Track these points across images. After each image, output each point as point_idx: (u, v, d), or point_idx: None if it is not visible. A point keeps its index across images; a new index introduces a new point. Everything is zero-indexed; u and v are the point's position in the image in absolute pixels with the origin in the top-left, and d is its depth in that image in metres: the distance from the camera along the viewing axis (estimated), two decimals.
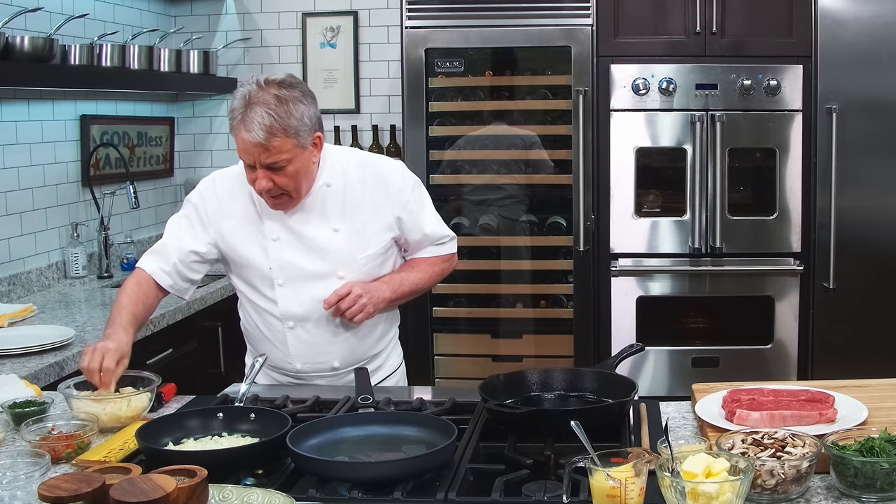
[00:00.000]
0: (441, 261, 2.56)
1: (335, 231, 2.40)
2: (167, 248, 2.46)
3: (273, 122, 2.20)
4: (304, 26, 4.77)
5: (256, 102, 2.21)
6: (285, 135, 2.22)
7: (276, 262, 2.41)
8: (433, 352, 4.27)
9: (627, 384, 2.08)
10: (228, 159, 4.79)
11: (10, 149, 3.60)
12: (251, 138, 2.21)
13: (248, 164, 2.29)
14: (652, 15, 4.01)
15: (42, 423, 1.97)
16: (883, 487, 1.58)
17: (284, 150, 2.23)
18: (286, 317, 2.43)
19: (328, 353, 2.46)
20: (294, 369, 2.49)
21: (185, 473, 1.54)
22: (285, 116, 2.22)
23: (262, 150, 2.22)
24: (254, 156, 2.24)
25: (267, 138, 2.20)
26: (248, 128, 2.20)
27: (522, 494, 1.67)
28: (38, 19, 3.55)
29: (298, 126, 2.24)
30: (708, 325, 4.17)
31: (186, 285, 2.49)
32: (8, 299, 3.49)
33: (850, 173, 3.92)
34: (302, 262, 2.40)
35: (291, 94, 2.25)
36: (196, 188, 2.51)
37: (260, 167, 2.25)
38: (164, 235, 2.50)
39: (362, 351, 2.51)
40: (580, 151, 4.03)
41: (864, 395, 1.97)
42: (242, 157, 2.28)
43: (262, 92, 2.23)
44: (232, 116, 2.25)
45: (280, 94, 2.23)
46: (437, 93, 4.25)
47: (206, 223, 2.45)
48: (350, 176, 2.44)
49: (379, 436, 1.91)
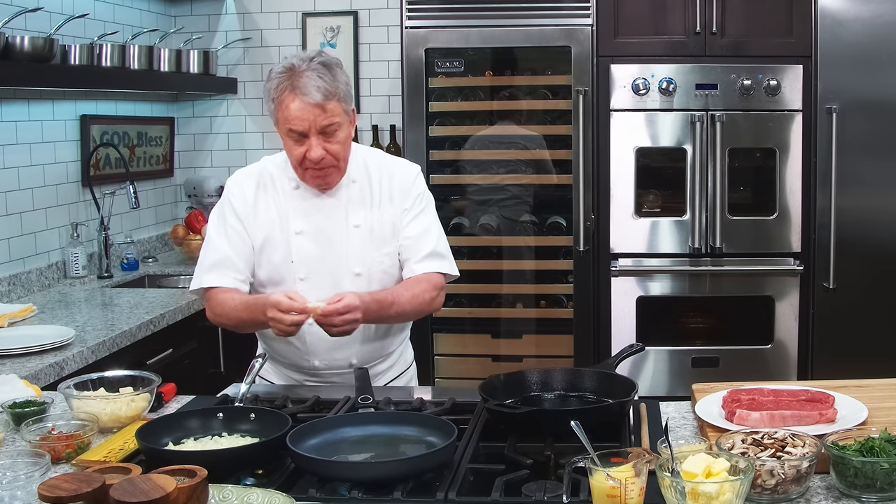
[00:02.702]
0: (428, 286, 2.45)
1: (355, 227, 2.42)
2: (228, 256, 2.40)
3: (327, 85, 2.28)
4: (304, 26, 4.77)
5: (305, 69, 2.28)
6: (337, 99, 2.30)
7: (298, 256, 2.42)
8: (433, 352, 4.27)
9: (627, 384, 2.08)
10: (228, 159, 4.81)
11: (10, 149, 3.60)
12: (310, 100, 2.26)
13: (298, 134, 2.30)
14: (652, 15, 4.01)
15: (42, 423, 1.97)
16: (883, 487, 1.58)
17: (337, 113, 2.31)
18: None
19: (347, 350, 2.46)
20: (311, 367, 2.48)
21: (185, 473, 1.54)
22: (335, 81, 2.30)
23: (319, 111, 2.27)
24: (309, 120, 2.28)
25: (324, 99, 2.27)
26: (305, 91, 2.26)
27: (522, 494, 1.67)
28: (38, 19, 3.55)
29: (346, 92, 2.33)
30: (708, 325, 4.17)
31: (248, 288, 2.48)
32: (8, 299, 3.49)
33: (850, 173, 3.92)
34: (323, 257, 2.42)
35: (333, 61, 2.35)
36: (224, 193, 2.49)
37: (314, 134, 2.29)
38: (213, 246, 2.43)
39: (380, 348, 2.52)
40: (580, 151, 4.03)
41: (864, 395, 1.97)
42: (295, 125, 2.28)
43: (305, 63, 2.30)
44: (279, 88, 2.29)
45: (325, 62, 2.32)
46: (437, 93, 4.25)
47: (246, 221, 2.44)
48: (371, 174, 2.47)
49: (379, 436, 1.91)
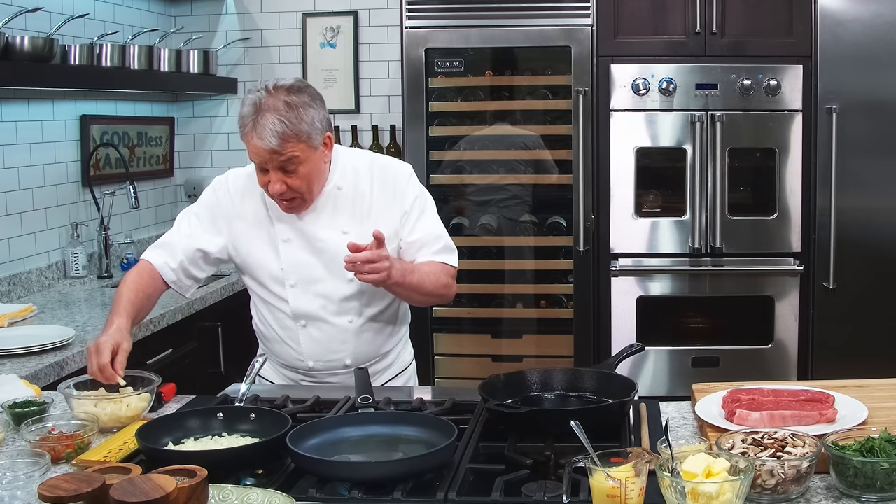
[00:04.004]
0: (443, 271, 2.47)
1: (344, 233, 2.40)
2: (174, 243, 2.46)
3: (285, 128, 2.23)
4: (304, 26, 4.76)
5: (267, 109, 2.24)
6: (297, 140, 2.26)
7: (287, 263, 2.42)
8: (433, 352, 4.27)
9: (627, 384, 2.08)
10: (228, 159, 4.80)
11: (10, 149, 3.60)
12: (264, 145, 2.24)
13: (260, 168, 2.31)
14: (652, 15, 4.01)
15: (42, 423, 1.97)
16: (883, 487, 1.58)
17: (297, 151, 2.27)
18: (298, 316, 2.44)
19: (340, 351, 2.47)
20: (306, 367, 2.49)
21: (185, 473, 1.54)
22: (296, 122, 2.25)
23: (274, 155, 2.26)
24: (266, 160, 2.27)
25: (280, 144, 2.24)
26: (261, 135, 2.23)
27: (522, 494, 1.67)
28: (38, 19, 3.55)
29: (309, 130, 2.27)
30: (708, 325, 4.17)
31: (190, 283, 2.49)
32: (8, 299, 3.49)
33: (850, 173, 3.92)
34: (312, 264, 2.41)
35: (301, 99, 2.28)
36: (210, 186, 2.52)
37: (274, 169, 2.28)
38: (173, 229, 2.50)
39: (374, 348, 2.52)
40: (580, 151, 4.03)
41: (864, 395, 1.97)
42: (254, 160, 2.31)
43: (271, 98, 2.25)
44: (243, 123, 2.28)
45: (290, 101, 2.26)
46: (437, 93, 4.25)
47: (219, 223, 2.46)
48: (361, 179, 2.45)
49: (379, 436, 1.91)
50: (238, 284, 3.82)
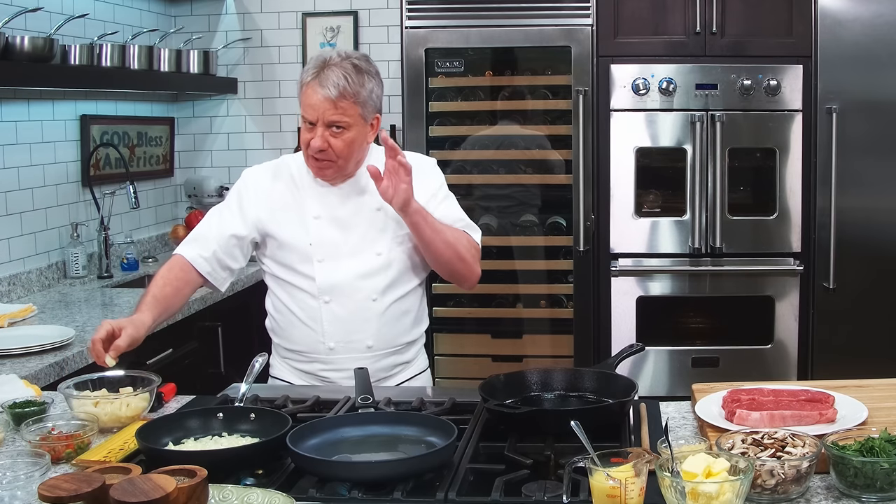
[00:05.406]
0: (466, 238, 2.48)
1: (377, 210, 2.45)
2: (206, 235, 2.49)
3: (347, 85, 2.33)
4: (304, 26, 4.77)
5: (335, 65, 2.35)
6: (354, 100, 2.35)
7: (316, 239, 2.46)
8: (433, 352, 4.27)
9: (627, 384, 2.08)
10: (229, 159, 4.81)
11: (10, 149, 3.60)
12: (324, 93, 2.33)
13: (308, 122, 2.38)
14: (652, 15, 4.01)
15: (42, 423, 1.97)
16: (883, 487, 1.58)
17: (349, 114, 2.35)
18: (323, 290, 2.45)
19: (362, 331, 2.47)
20: (327, 349, 2.48)
21: (185, 473, 1.54)
22: (358, 85, 2.35)
23: (330, 106, 2.34)
24: (319, 112, 2.35)
25: (338, 97, 2.33)
26: (323, 83, 2.33)
27: (522, 494, 1.67)
28: (38, 19, 3.55)
29: (367, 98, 2.38)
30: (708, 325, 4.17)
31: (225, 274, 2.50)
32: (8, 299, 3.49)
33: (850, 173, 3.92)
34: (342, 239, 2.46)
35: (368, 68, 2.40)
36: (240, 179, 2.56)
37: (321, 125, 2.35)
38: (203, 224, 2.53)
39: (394, 334, 2.51)
40: (580, 151, 4.03)
41: (864, 395, 1.97)
42: (307, 112, 2.38)
43: (341, 60, 2.37)
44: (306, 74, 2.38)
45: (358, 65, 2.38)
46: (437, 93, 4.25)
47: (247, 207, 2.49)
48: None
49: (379, 436, 1.90)
50: (239, 284, 3.82)
